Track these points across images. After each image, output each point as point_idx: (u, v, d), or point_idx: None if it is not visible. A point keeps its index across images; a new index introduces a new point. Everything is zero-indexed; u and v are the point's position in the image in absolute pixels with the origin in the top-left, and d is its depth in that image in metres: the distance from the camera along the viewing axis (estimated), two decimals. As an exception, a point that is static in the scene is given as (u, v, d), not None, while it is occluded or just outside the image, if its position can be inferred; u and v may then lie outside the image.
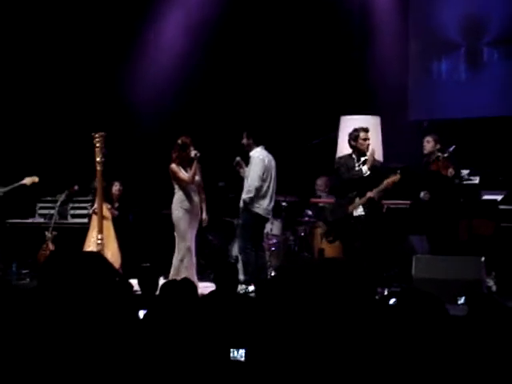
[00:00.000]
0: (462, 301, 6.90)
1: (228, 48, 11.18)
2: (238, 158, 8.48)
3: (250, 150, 8.40)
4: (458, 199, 8.45)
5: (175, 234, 8.21)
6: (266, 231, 9.00)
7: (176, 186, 8.25)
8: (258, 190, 8.28)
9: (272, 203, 8.47)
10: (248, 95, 10.99)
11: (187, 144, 8.22)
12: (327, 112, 10.14)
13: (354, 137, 8.11)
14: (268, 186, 8.38)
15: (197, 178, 8.26)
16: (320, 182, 10.12)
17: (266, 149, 8.43)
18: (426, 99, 10.64)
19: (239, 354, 3.79)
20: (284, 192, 9.21)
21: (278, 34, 10.96)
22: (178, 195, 8.24)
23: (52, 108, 11.11)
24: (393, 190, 8.15)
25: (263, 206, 8.35)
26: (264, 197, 8.34)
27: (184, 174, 8.21)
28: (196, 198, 8.29)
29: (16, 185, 9.43)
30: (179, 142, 8.25)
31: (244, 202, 8.32)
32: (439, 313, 3.66)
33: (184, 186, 8.22)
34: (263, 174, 8.30)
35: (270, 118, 10.33)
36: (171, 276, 7.96)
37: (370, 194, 7.95)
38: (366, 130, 8.11)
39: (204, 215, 8.35)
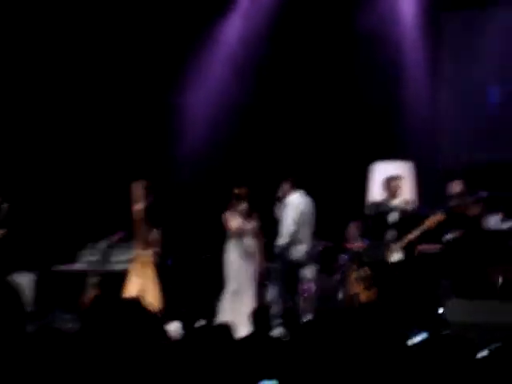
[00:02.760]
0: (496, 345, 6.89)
1: (258, 98, 11.37)
2: (279, 194, 8.67)
3: (288, 195, 8.58)
4: (486, 242, 8.48)
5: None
6: (300, 276, 9.12)
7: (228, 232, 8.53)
8: (293, 235, 8.41)
9: (308, 248, 8.60)
10: (282, 142, 11.17)
11: (240, 195, 8.49)
12: (360, 158, 10.33)
13: (386, 183, 8.29)
14: (303, 231, 8.51)
15: (250, 225, 8.47)
16: (353, 227, 10.25)
17: (304, 194, 8.59)
18: (457, 144, 10.74)
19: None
20: (318, 237, 9.34)
21: (310, 82, 11.19)
22: (230, 240, 8.48)
23: (97, 157, 11.34)
24: (434, 231, 8.22)
25: (299, 252, 8.47)
26: (300, 242, 8.47)
27: (233, 223, 8.45)
28: (249, 245, 8.49)
29: None
30: (235, 191, 8.53)
31: (279, 247, 8.47)
32: (472, 358, 3.77)
33: (232, 233, 8.48)
34: (298, 219, 8.45)
35: (304, 164, 10.51)
36: (217, 318, 8.14)
37: (410, 236, 8.04)
38: (397, 177, 8.28)
39: (259, 261, 8.53)
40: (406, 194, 8.61)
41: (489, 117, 10.72)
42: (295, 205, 8.48)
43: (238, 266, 8.44)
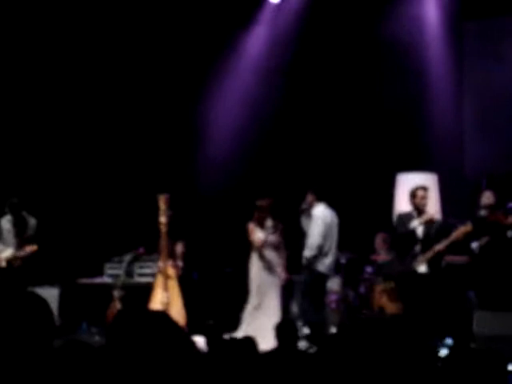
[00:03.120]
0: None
1: (283, 108, 11.37)
2: (304, 205, 8.67)
3: (312, 207, 8.58)
4: None
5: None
6: (326, 288, 9.10)
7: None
8: (320, 247, 8.41)
9: (333, 260, 8.61)
10: (307, 152, 11.18)
11: (263, 207, 8.52)
12: (385, 169, 10.31)
13: (412, 194, 8.27)
14: (329, 244, 8.52)
15: (272, 238, 8.48)
16: (379, 239, 10.21)
17: (328, 206, 8.60)
18: (483, 155, 10.68)
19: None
20: (343, 248, 9.32)
21: (335, 91, 11.20)
22: (254, 253, 8.51)
23: (122, 170, 11.39)
24: (462, 242, 8.18)
25: (325, 264, 8.47)
26: (326, 254, 8.47)
27: (256, 236, 8.48)
28: (273, 257, 8.51)
29: (20, 253, 9.18)
30: (258, 203, 8.56)
31: (306, 259, 8.46)
32: (501, 372, 3.72)
33: (258, 247, 8.51)
34: (325, 232, 8.45)
35: (329, 175, 10.51)
36: (241, 331, 8.14)
37: (438, 247, 8.00)
38: (424, 188, 8.27)
39: (283, 274, 8.53)
40: (432, 205, 8.56)
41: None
42: (321, 217, 8.49)
43: (261, 279, 8.45)
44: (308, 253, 8.44)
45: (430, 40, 10.78)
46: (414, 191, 8.28)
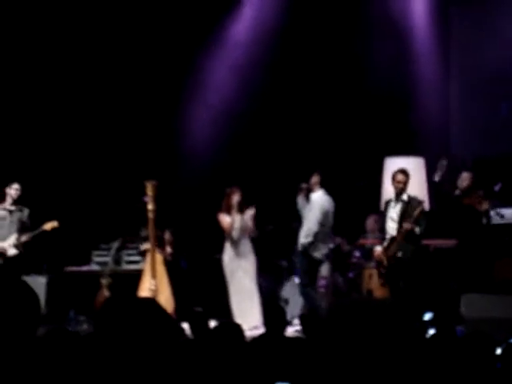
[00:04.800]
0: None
1: (271, 94, 11.35)
2: (304, 185, 8.64)
3: (313, 190, 8.55)
4: (493, 237, 8.44)
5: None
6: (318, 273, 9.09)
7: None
8: (317, 234, 8.40)
9: (329, 246, 8.63)
10: (293, 138, 11.17)
11: (228, 194, 8.56)
12: (372, 154, 10.29)
13: (392, 178, 8.27)
14: (325, 231, 8.52)
15: (241, 221, 8.49)
16: (370, 220, 10.12)
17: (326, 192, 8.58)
18: (469, 137, 10.70)
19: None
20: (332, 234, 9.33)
21: (320, 77, 11.17)
22: (226, 241, 8.55)
23: (106, 158, 11.37)
24: (428, 226, 8.18)
25: (322, 251, 8.47)
26: (323, 241, 8.47)
27: (224, 221, 8.52)
28: (244, 242, 8.54)
29: (36, 231, 9.31)
30: (226, 190, 8.60)
31: (303, 245, 8.44)
32: (492, 354, 3.74)
33: (228, 232, 8.53)
34: (322, 219, 8.44)
35: (317, 161, 10.50)
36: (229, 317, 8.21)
37: (406, 226, 7.99)
38: (402, 172, 8.22)
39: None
40: (419, 188, 8.57)
41: (499, 108, 10.64)
42: (320, 203, 8.44)
43: (232, 265, 8.50)
44: (305, 239, 8.41)
45: (416, 23, 10.76)
46: (393, 175, 8.28)
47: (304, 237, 8.42)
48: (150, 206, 8.69)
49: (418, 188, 8.54)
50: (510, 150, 10.21)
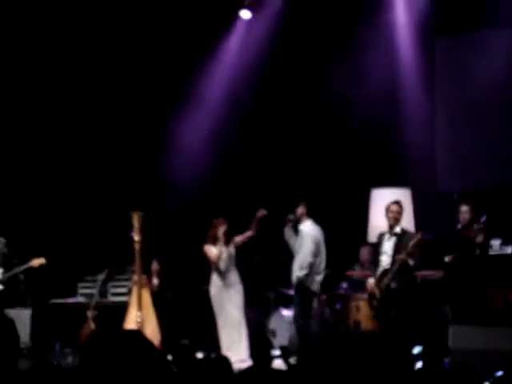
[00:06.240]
0: (499, 373, 6.84)
1: (257, 124, 11.32)
2: (291, 216, 8.62)
3: (301, 221, 8.54)
4: (487, 268, 8.46)
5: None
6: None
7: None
8: (312, 266, 8.38)
9: (323, 278, 8.59)
10: (279, 169, 11.17)
11: (216, 224, 8.58)
12: (358, 185, 10.30)
13: (386, 209, 8.31)
14: (319, 261, 8.49)
15: (227, 250, 8.48)
16: (364, 251, 9.96)
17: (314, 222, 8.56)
18: (455, 169, 10.73)
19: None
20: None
21: (308, 111, 11.21)
22: (212, 273, 8.54)
23: (90, 189, 11.31)
24: (424, 256, 8.21)
25: (317, 282, 8.45)
26: (317, 272, 8.44)
27: (211, 252, 8.52)
28: (232, 274, 8.52)
29: (23, 268, 9.20)
30: (213, 222, 8.62)
31: (298, 278, 8.39)
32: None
33: (215, 263, 8.52)
34: (315, 250, 8.42)
35: (303, 191, 10.50)
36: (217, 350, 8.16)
37: (401, 257, 8.00)
38: (397, 203, 8.30)
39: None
40: (406, 218, 8.59)
41: (484, 141, 10.68)
42: (311, 235, 8.45)
43: (221, 297, 8.48)
44: (300, 272, 8.38)
45: (401, 55, 10.84)
46: (387, 206, 8.33)
47: (299, 269, 8.38)
48: (136, 237, 8.66)
49: (405, 219, 8.55)
50: (494, 182, 10.26)
